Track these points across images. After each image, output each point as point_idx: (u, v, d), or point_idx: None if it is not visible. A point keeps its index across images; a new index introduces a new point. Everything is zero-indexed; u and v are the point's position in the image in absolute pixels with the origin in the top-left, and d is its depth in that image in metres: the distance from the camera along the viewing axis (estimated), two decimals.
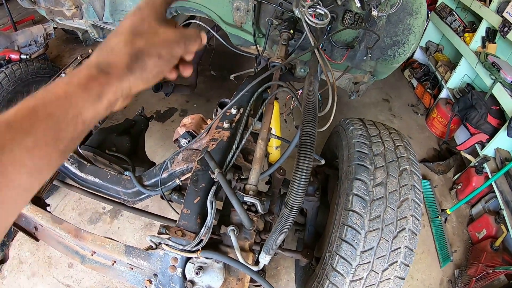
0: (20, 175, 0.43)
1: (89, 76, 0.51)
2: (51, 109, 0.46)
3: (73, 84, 0.50)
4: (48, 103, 0.46)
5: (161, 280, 1.11)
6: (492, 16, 3.02)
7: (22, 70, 2.26)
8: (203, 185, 1.15)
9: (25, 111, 0.44)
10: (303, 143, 0.79)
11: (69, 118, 0.48)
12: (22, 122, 0.43)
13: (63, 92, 0.48)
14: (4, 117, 0.43)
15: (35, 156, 0.44)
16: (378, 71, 1.86)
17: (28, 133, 0.43)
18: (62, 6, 2.25)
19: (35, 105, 0.45)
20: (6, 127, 0.42)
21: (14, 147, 0.42)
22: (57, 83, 0.50)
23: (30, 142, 0.43)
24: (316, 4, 1.28)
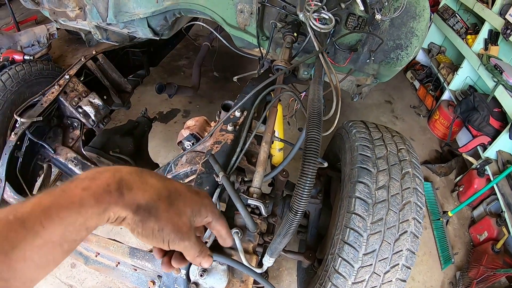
0: (29, 269, 0.46)
1: (107, 187, 0.52)
2: (63, 214, 0.48)
3: (90, 191, 0.51)
4: (63, 208, 0.48)
5: (165, 281, 1.11)
6: (495, 18, 3.02)
7: (26, 71, 2.27)
8: (208, 188, 1.16)
9: (39, 211, 0.47)
10: (308, 148, 0.80)
11: (77, 225, 0.50)
12: (35, 223, 0.46)
13: (78, 199, 0.50)
14: (18, 212, 0.46)
15: (42, 253, 0.47)
16: (381, 74, 1.87)
17: (39, 234, 0.46)
18: (66, 7, 2.26)
19: (50, 207, 0.47)
20: (20, 226, 0.45)
21: (25, 246, 0.44)
22: (76, 185, 0.51)
23: (40, 241, 0.46)
24: (321, 9, 1.29)
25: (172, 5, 1.94)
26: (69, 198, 0.49)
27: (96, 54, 2.31)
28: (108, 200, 0.52)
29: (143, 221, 0.57)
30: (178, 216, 0.61)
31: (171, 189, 0.60)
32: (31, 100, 1.88)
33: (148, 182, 0.57)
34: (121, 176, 0.54)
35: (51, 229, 0.47)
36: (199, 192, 0.67)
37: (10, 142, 1.71)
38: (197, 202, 0.65)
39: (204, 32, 4.11)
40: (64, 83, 1.98)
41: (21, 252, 0.44)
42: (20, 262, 0.44)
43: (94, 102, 2.07)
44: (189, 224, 0.63)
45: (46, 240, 0.46)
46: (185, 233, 0.62)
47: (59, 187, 0.51)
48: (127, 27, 2.22)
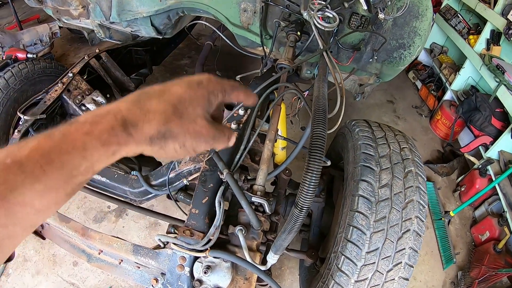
0: (28, 214, 0.44)
1: (112, 131, 0.50)
2: (66, 157, 0.46)
3: (94, 136, 0.48)
4: (65, 152, 0.46)
5: (169, 279, 1.12)
6: (497, 18, 3.02)
7: (29, 69, 2.27)
8: (212, 185, 1.17)
9: (39, 155, 0.44)
10: (314, 145, 0.80)
11: (82, 169, 0.48)
12: (35, 167, 0.43)
13: (81, 143, 0.47)
14: (16, 155, 0.43)
15: (44, 198, 0.45)
16: (384, 73, 1.87)
17: (40, 178, 0.44)
18: (69, 6, 2.27)
19: (50, 151, 0.45)
20: (18, 169, 0.43)
21: (24, 190, 0.43)
22: (77, 128, 0.48)
23: (40, 186, 0.44)
24: (325, 7, 1.29)
25: (175, 4, 1.95)
26: (71, 143, 0.47)
27: (100, 52, 2.31)
28: (116, 142, 0.50)
29: (162, 147, 0.55)
30: (193, 122, 0.58)
31: (174, 101, 0.56)
32: (35, 98, 1.89)
33: (150, 109, 0.54)
34: (123, 116, 0.51)
35: (53, 174, 0.45)
36: (201, 81, 0.62)
37: (13, 140, 1.72)
38: (203, 95, 0.60)
39: (206, 31, 4.11)
40: (67, 81, 1.99)
41: (20, 197, 0.42)
42: (19, 206, 0.43)
43: (98, 100, 2.07)
44: (207, 123, 0.60)
45: (47, 185, 0.45)
46: (205, 135, 0.59)
47: (58, 130, 0.47)
48: (130, 25, 2.22)
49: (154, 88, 0.57)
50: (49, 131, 0.47)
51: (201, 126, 0.58)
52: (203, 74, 0.63)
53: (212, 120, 0.62)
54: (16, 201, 0.42)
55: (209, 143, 0.60)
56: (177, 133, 0.55)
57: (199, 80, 0.61)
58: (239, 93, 0.67)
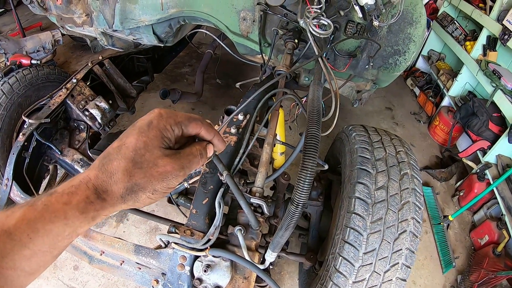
0: (19, 277, 0.50)
1: (88, 200, 0.55)
2: (50, 227, 0.51)
3: (72, 206, 0.54)
4: (48, 221, 0.51)
5: (170, 278, 1.14)
6: (493, 24, 3.07)
7: (33, 75, 2.32)
8: (212, 187, 1.20)
9: (25, 225, 0.50)
10: (308, 144, 0.83)
11: (65, 234, 0.53)
12: (22, 236, 0.49)
13: (62, 213, 0.53)
14: (4, 225, 0.49)
15: (32, 262, 0.50)
16: (380, 79, 1.91)
17: (27, 245, 0.49)
18: (73, 14, 2.31)
19: (36, 220, 0.50)
20: (8, 238, 0.48)
21: (14, 256, 0.48)
22: (57, 199, 0.54)
23: (28, 252, 0.49)
24: (320, 15, 1.33)
25: (177, 13, 2.00)
26: (53, 213, 0.52)
27: (103, 59, 2.36)
28: (93, 209, 0.56)
29: (135, 200, 0.59)
30: (155, 166, 0.59)
31: (131, 155, 0.59)
32: (39, 103, 1.93)
33: (113, 171, 0.58)
34: (93, 184, 0.57)
35: (38, 240, 0.50)
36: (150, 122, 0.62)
37: (18, 143, 1.75)
38: (156, 136, 0.61)
39: (206, 40, 4.17)
40: (71, 87, 2.03)
41: (11, 262, 0.48)
42: (10, 270, 0.48)
43: (101, 105, 2.11)
44: (168, 160, 0.61)
45: (35, 251, 0.50)
46: (171, 171, 0.61)
47: (40, 200, 0.53)
48: (133, 33, 2.27)
49: (113, 147, 0.60)
50: (31, 200, 0.53)
51: (164, 166, 0.60)
52: (153, 111, 0.64)
53: (175, 151, 0.64)
54: (7, 266, 0.47)
55: (180, 175, 0.63)
56: (144, 183, 0.59)
57: (149, 121, 0.62)
58: (197, 125, 0.69)
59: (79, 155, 1.91)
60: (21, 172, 1.78)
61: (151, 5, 2.03)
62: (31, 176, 1.84)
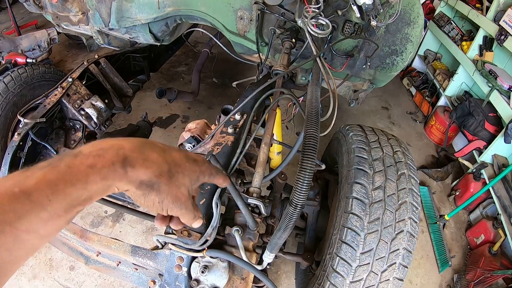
0: (33, 239, 0.48)
1: (112, 167, 0.55)
2: (70, 190, 0.50)
3: (96, 170, 0.53)
4: (69, 184, 0.50)
5: (167, 279, 1.14)
6: (489, 24, 3.08)
7: (28, 74, 2.30)
8: (209, 187, 1.19)
9: (45, 186, 0.48)
10: (307, 144, 0.83)
11: (82, 199, 0.53)
12: (42, 197, 0.47)
13: (84, 176, 0.52)
14: (24, 184, 0.47)
15: (48, 225, 0.49)
16: (377, 79, 1.91)
17: (45, 208, 0.48)
18: (69, 12, 2.30)
19: (57, 182, 0.49)
20: (26, 198, 0.46)
21: (31, 218, 0.46)
22: (82, 161, 0.53)
23: (46, 214, 0.48)
24: (318, 15, 1.33)
25: (173, 11, 1.99)
26: (75, 175, 0.51)
27: (99, 58, 2.35)
28: (112, 177, 0.55)
29: (145, 194, 0.60)
30: (177, 188, 0.63)
31: (171, 163, 0.62)
32: (34, 102, 1.91)
33: (149, 158, 0.59)
34: (125, 154, 0.56)
35: (57, 204, 0.49)
36: (197, 159, 0.69)
37: (13, 142, 1.74)
38: (195, 171, 0.67)
39: (203, 39, 4.16)
40: (67, 86, 2.01)
41: (28, 224, 0.46)
42: (25, 232, 0.46)
43: (96, 104, 2.10)
44: (187, 194, 0.67)
45: (51, 213, 0.49)
46: (183, 203, 0.66)
47: (63, 160, 0.52)
48: (129, 32, 2.26)
49: (158, 144, 0.64)
50: (53, 160, 0.52)
51: (182, 194, 0.65)
52: (200, 155, 0.72)
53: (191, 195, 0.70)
54: (23, 228, 0.46)
55: (181, 211, 0.67)
56: (162, 190, 0.61)
57: (197, 158, 0.69)
58: (219, 178, 0.77)
59: None
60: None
61: (148, 4, 2.02)
62: None
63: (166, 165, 0.61)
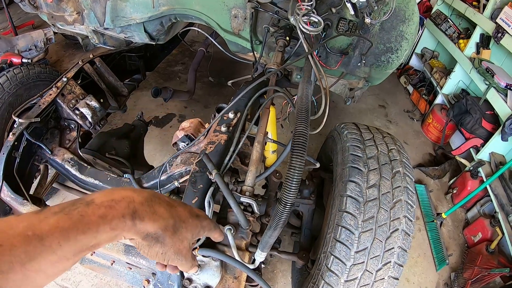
0: (40, 279, 0.51)
1: (122, 219, 0.58)
2: (81, 238, 0.53)
3: (106, 220, 0.56)
4: (80, 233, 0.53)
5: (160, 278, 1.13)
6: (486, 22, 3.08)
7: (24, 74, 2.29)
8: (201, 186, 1.18)
9: (58, 232, 0.51)
10: (296, 142, 0.82)
11: (90, 245, 0.56)
12: (53, 242, 0.50)
13: (95, 226, 0.55)
14: (37, 229, 0.50)
15: (55, 267, 0.52)
16: (373, 77, 1.90)
17: (55, 252, 0.51)
18: (64, 12, 2.29)
19: (69, 230, 0.52)
20: (39, 242, 0.49)
21: (41, 260, 0.50)
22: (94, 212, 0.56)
23: (55, 258, 0.51)
24: (310, 12, 1.32)
25: (168, 10, 1.98)
26: (86, 225, 0.54)
27: (93, 57, 2.34)
28: (122, 227, 0.58)
29: (150, 246, 0.66)
30: (180, 241, 0.69)
31: (177, 218, 0.68)
32: (29, 102, 1.91)
33: (157, 212, 0.64)
34: (135, 207, 0.60)
35: (66, 249, 0.52)
36: (199, 215, 0.75)
37: (8, 142, 1.73)
38: (197, 226, 0.73)
39: (199, 38, 4.16)
40: (61, 86, 2.01)
41: (37, 265, 0.49)
42: (34, 272, 0.49)
43: (91, 104, 2.09)
44: (188, 247, 0.73)
45: (60, 257, 0.52)
46: (183, 255, 0.72)
47: (77, 210, 0.55)
48: (124, 31, 2.25)
49: (165, 198, 0.69)
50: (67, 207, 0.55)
51: (184, 247, 0.71)
52: (202, 211, 0.78)
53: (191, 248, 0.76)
54: (32, 268, 0.49)
55: (181, 262, 0.74)
56: (166, 243, 0.67)
57: (199, 213, 0.76)
58: (216, 233, 0.82)
59: (70, 154, 1.88)
60: (11, 172, 1.75)
61: (142, 3, 2.01)
62: (22, 176, 1.81)
63: (172, 220, 0.66)
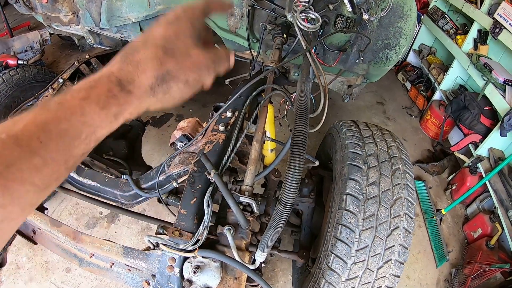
0: (27, 192, 0.41)
1: (110, 93, 0.48)
2: (65, 126, 0.44)
3: (91, 100, 0.46)
4: (63, 120, 0.44)
5: (159, 280, 1.12)
6: (484, 18, 3.07)
7: (20, 76, 2.28)
8: (200, 186, 1.17)
9: (35, 127, 0.42)
10: (295, 141, 0.81)
11: (83, 137, 0.46)
12: (32, 139, 0.41)
13: (79, 108, 0.45)
14: (11, 130, 0.41)
15: (44, 174, 0.42)
16: (371, 73, 1.89)
17: (38, 152, 0.41)
18: (59, 12, 2.27)
19: (47, 121, 0.43)
20: (14, 143, 0.40)
21: (22, 166, 0.40)
22: (73, 95, 0.46)
23: (39, 161, 0.41)
24: (308, 9, 1.31)
25: (164, 9, 1.97)
26: (68, 110, 0.44)
27: (89, 58, 2.32)
28: (116, 103, 0.48)
29: (165, 91, 0.54)
30: (188, 56, 0.55)
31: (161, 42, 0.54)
32: (26, 103, 1.89)
33: (140, 60, 0.51)
34: (116, 76, 0.50)
35: (51, 146, 0.42)
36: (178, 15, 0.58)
37: None
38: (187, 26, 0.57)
39: None
40: (57, 87, 1.99)
41: (18, 173, 0.39)
42: (17, 183, 0.39)
43: None
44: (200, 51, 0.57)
45: (46, 159, 0.42)
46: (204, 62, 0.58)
47: (53, 100, 0.45)
48: (120, 31, 2.23)
49: (137, 40, 0.55)
50: (44, 102, 0.46)
51: (197, 56, 0.56)
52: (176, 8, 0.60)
53: (204, 45, 0.59)
54: (13, 177, 0.39)
55: (211, 69, 0.59)
56: (176, 71, 0.54)
57: (176, 14, 0.58)
58: (214, 4, 0.65)
59: None
60: None
61: (138, 2, 1.99)
62: None
63: (159, 49, 0.53)
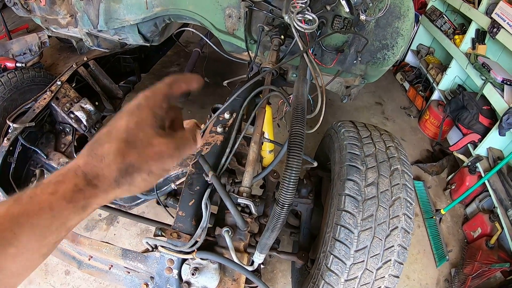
0: (4, 278, 0.45)
1: (76, 188, 0.51)
2: (35, 220, 0.47)
3: (58, 195, 0.49)
4: (32, 214, 0.47)
5: (158, 282, 1.12)
6: (481, 17, 3.07)
7: (18, 78, 2.27)
8: (198, 188, 1.17)
9: (7, 221, 0.45)
10: (292, 142, 0.81)
11: (53, 228, 0.49)
12: (5, 232, 0.44)
13: (48, 203, 0.48)
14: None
15: (18, 261, 0.46)
16: (369, 74, 1.90)
17: (11, 243, 0.44)
18: (57, 15, 2.27)
19: (19, 215, 0.46)
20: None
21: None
22: (42, 190, 0.49)
23: (13, 250, 0.45)
24: (305, 10, 1.31)
25: (161, 11, 1.97)
26: (37, 204, 0.48)
27: (88, 60, 2.33)
28: (83, 197, 0.51)
29: (130, 183, 0.55)
30: (150, 146, 0.56)
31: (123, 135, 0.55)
32: (24, 106, 1.89)
33: (104, 154, 0.53)
34: (82, 171, 0.52)
35: (24, 237, 0.46)
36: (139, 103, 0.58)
37: (2, 148, 1.72)
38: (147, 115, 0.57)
39: (194, 38, 4.13)
40: (56, 89, 1.99)
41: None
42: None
43: (86, 107, 2.08)
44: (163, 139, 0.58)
45: (20, 248, 0.46)
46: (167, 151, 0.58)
47: (25, 193, 0.49)
48: (118, 33, 2.23)
49: (102, 132, 0.56)
50: (17, 194, 0.49)
51: (159, 145, 0.57)
52: (138, 95, 0.60)
53: (169, 131, 0.60)
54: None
55: (176, 156, 0.59)
56: (139, 163, 0.54)
57: (137, 103, 0.59)
58: (179, 84, 0.64)
59: (65, 158, 1.87)
60: (7, 177, 1.74)
61: (136, 4, 1.99)
62: (18, 181, 1.80)
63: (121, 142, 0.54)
